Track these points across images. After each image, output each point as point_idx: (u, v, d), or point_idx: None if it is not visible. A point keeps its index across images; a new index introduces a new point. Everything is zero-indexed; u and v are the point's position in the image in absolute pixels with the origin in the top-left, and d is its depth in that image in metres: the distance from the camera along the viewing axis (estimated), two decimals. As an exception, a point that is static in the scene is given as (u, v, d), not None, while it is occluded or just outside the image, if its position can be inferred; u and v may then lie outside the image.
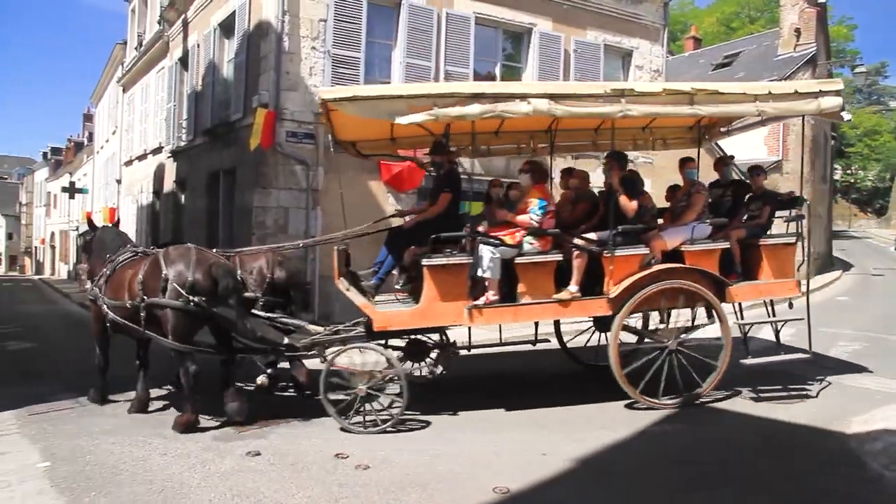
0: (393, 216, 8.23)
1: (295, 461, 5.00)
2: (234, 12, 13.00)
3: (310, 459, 5.04)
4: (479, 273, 5.97)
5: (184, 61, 16.38)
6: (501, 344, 7.68)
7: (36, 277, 42.65)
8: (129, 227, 22.51)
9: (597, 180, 7.49)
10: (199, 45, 15.21)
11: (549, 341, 7.89)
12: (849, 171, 54.17)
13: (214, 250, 6.77)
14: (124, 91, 23.77)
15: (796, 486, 4.60)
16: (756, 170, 7.39)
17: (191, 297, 5.81)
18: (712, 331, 6.73)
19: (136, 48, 22.06)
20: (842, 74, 30.79)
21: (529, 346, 7.90)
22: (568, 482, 4.68)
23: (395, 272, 6.96)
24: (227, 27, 13.68)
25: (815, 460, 5.13)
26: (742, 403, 6.57)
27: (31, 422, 6.14)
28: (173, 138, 16.61)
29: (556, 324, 8.20)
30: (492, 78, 13.66)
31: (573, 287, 6.13)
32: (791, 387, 7.02)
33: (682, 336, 6.43)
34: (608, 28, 14.92)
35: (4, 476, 4.73)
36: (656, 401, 6.20)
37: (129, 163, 22.96)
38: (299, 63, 11.48)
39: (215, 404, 6.02)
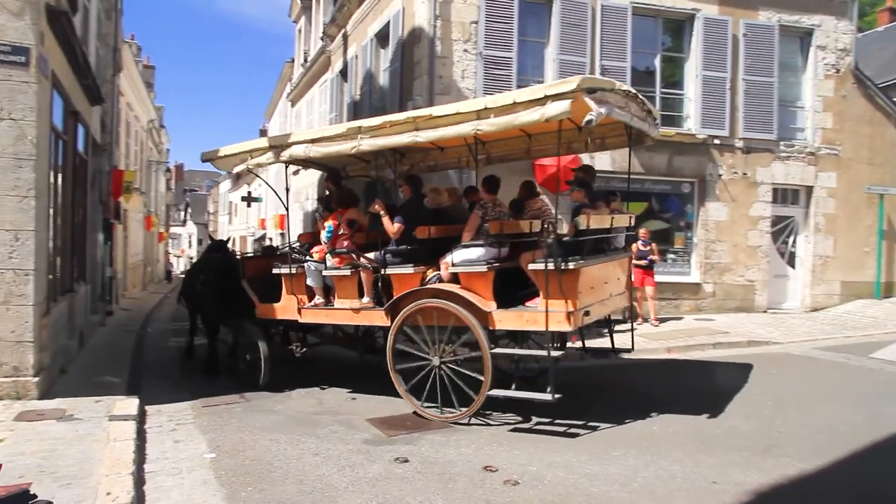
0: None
1: (442, 471, 4.85)
2: (388, 22, 13.37)
3: (457, 470, 4.86)
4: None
5: (343, 73, 17.18)
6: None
7: (220, 278, 47.18)
8: (297, 231, 24.14)
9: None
10: (356, 57, 15.86)
11: None
12: None
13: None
14: (292, 105, 25.55)
15: None
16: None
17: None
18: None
19: (302, 65, 23.63)
20: None
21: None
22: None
23: None
24: (382, 37, 14.11)
25: None
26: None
27: (203, 413, 6.60)
28: (334, 147, 17.44)
29: None
30: (650, 73, 12.89)
31: (365, 298, 6.92)
32: None
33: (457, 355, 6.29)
34: (783, 6, 13.39)
35: (177, 463, 5.07)
36: (434, 414, 6.25)
37: (296, 172, 24.55)
38: (451, 66, 11.51)
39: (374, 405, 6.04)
